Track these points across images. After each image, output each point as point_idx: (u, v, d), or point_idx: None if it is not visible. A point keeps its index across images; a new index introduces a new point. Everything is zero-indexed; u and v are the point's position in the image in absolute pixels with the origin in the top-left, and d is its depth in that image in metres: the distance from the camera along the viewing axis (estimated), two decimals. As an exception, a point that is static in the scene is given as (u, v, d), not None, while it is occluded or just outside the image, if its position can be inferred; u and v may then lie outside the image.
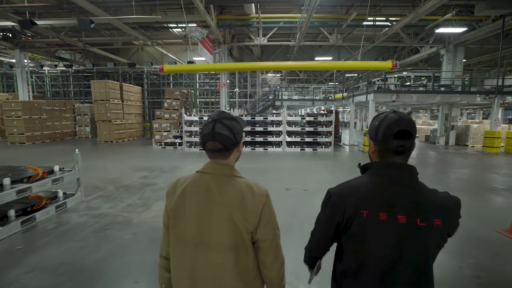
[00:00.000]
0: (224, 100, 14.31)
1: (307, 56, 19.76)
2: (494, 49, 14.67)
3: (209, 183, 1.03)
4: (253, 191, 1.03)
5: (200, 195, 1.02)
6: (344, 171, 7.76)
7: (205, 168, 1.08)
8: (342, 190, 1.03)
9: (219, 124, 1.03)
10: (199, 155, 10.32)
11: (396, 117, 0.96)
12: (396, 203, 0.93)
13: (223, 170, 1.05)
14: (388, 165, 0.98)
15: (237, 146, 1.09)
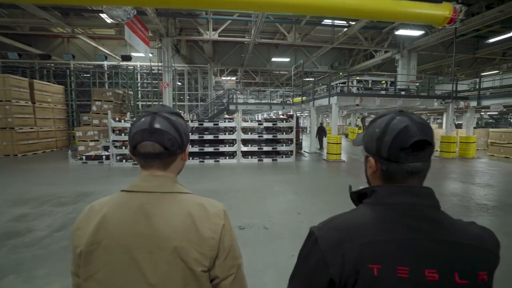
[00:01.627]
0: (169, 102, 12.12)
1: (263, 57, 18.56)
2: (441, 56, 15.20)
3: (142, 206, 0.72)
4: (206, 211, 0.75)
5: (128, 226, 0.70)
6: (314, 190, 6.33)
7: (134, 185, 0.76)
8: (336, 231, 0.66)
9: (160, 119, 0.75)
10: (131, 173, 8.02)
11: (407, 121, 0.65)
12: (421, 251, 0.60)
13: (162, 185, 0.76)
14: (402, 190, 0.67)
15: (183, 152, 0.82)
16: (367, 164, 0.75)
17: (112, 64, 16.20)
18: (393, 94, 11.05)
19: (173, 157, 0.80)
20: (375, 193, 0.70)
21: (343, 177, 7.85)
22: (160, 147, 0.75)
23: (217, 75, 23.79)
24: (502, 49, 14.83)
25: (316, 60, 18.62)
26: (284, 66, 18.99)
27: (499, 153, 12.05)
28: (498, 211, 4.88)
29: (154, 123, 0.75)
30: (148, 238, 0.70)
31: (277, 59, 17.52)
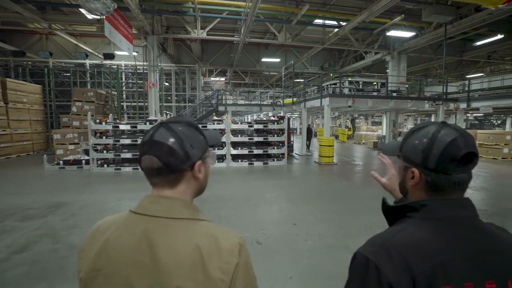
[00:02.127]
0: (154, 103, 11.56)
1: (252, 58, 18.22)
2: (430, 58, 15.31)
3: (147, 232, 0.63)
4: (218, 245, 0.63)
5: (130, 255, 0.62)
6: (308, 197, 6.01)
7: (142, 206, 0.67)
8: (397, 252, 0.60)
9: (163, 129, 0.67)
10: (112, 179, 7.46)
11: (455, 133, 0.64)
12: (480, 263, 0.60)
13: (171, 209, 0.66)
14: (453, 204, 0.66)
15: (191, 167, 0.68)
16: (407, 174, 0.73)
17: (94, 62, 15.43)
18: (385, 96, 10.94)
19: (177, 174, 0.68)
20: (426, 207, 0.67)
21: (337, 182, 7.58)
22: (158, 161, 0.65)
23: (206, 75, 23.27)
24: (487, 52, 15.10)
25: (306, 61, 18.45)
26: (274, 67, 18.72)
27: (487, 154, 12.17)
28: (500, 218, 4.70)
29: (155, 134, 0.66)
30: (150, 271, 0.61)
31: (267, 60, 17.23)
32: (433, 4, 9.51)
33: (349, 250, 3.29)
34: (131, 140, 8.49)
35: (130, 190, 6.14)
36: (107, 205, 5.09)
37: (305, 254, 3.36)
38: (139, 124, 8.81)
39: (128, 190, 6.09)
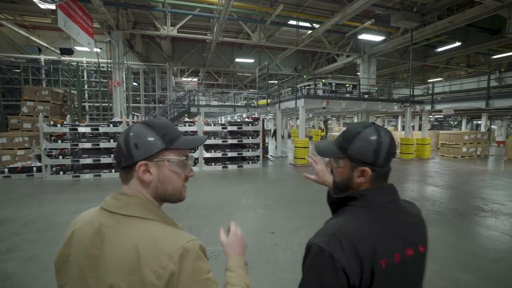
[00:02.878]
0: (120, 104, 10.71)
1: (226, 58, 17.83)
2: (396, 63, 16.04)
3: (101, 227, 0.66)
4: (156, 247, 0.61)
5: (86, 247, 0.66)
6: (285, 202, 5.77)
7: (105, 201, 0.71)
8: (347, 240, 0.70)
9: (127, 128, 0.73)
10: (69, 188, 6.65)
11: (388, 133, 0.80)
12: (404, 236, 0.77)
13: (126, 205, 0.67)
14: (386, 191, 0.82)
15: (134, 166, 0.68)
16: (354, 173, 0.80)
17: (50, 58, 14.02)
18: (357, 97, 11.16)
19: (126, 171, 0.70)
20: (365, 196, 0.79)
21: (314, 184, 7.41)
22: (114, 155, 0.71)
23: (177, 75, 22.39)
24: (446, 58, 16.18)
25: (280, 63, 18.46)
26: (248, 68, 18.48)
27: (449, 153, 12.96)
28: (470, 216, 4.82)
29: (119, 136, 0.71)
30: (98, 265, 0.63)
31: (241, 60, 16.93)
32: (401, 10, 9.86)
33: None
34: (92, 144, 7.69)
35: (90, 200, 5.46)
36: (58, 220, 4.41)
37: (285, 267, 3.09)
38: (101, 126, 8.01)
39: (87, 201, 5.41)
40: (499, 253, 3.54)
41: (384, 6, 10.04)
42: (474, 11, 9.16)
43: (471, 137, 12.69)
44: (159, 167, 0.70)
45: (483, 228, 4.35)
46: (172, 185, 0.72)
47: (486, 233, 4.17)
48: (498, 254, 3.49)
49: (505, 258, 3.40)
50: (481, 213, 5.06)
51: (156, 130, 0.69)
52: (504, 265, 3.21)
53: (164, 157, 0.70)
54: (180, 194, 0.75)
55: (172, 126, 0.74)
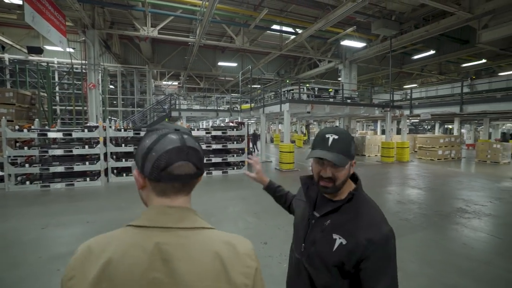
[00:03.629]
0: (95, 107, 10.09)
1: (208, 61, 17.54)
2: (375, 69, 16.58)
3: (159, 246, 0.58)
4: (236, 251, 0.63)
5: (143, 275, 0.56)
6: (275, 209, 5.52)
7: (148, 218, 0.62)
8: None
9: (188, 136, 0.67)
10: (37, 200, 6.03)
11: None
12: None
13: (184, 218, 0.64)
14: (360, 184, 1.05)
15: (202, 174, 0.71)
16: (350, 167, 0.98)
17: (16, 58, 13.00)
18: (341, 102, 11.32)
19: (192, 183, 0.68)
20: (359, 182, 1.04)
21: (301, 189, 7.35)
22: (194, 167, 0.66)
23: (157, 78, 21.70)
24: (420, 66, 16.99)
25: (262, 67, 18.46)
26: (231, 72, 18.30)
27: (426, 156, 13.48)
28: (455, 218, 4.91)
29: (186, 141, 0.65)
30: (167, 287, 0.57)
31: (223, 64, 16.72)
32: (381, 18, 10.18)
33: (329, 271, 2.92)
34: (64, 151, 7.08)
35: (61, 212, 4.94)
36: (24, 237, 3.91)
37: (283, 281, 2.89)
38: (74, 131, 7.42)
39: (58, 213, 4.89)
40: (489, 254, 3.58)
41: (365, 14, 10.32)
42: (447, 21, 9.65)
43: (445, 140, 13.30)
44: None
45: (470, 229, 4.42)
46: None
47: (473, 234, 4.24)
48: (488, 256, 3.52)
49: (495, 259, 3.43)
50: (465, 214, 5.17)
51: None
52: (496, 266, 3.23)
53: None
54: None
55: None
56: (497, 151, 12.29)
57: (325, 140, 0.94)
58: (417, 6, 10.48)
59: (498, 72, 16.68)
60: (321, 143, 0.95)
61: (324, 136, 0.95)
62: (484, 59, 14.65)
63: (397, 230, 4.55)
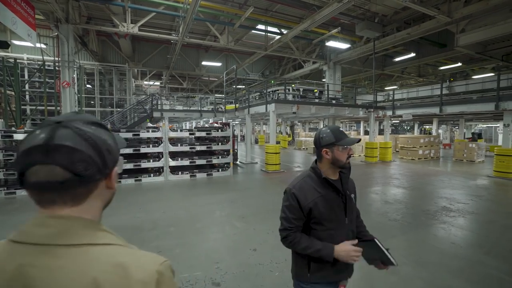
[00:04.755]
0: (70, 107, 9.47)
1: (191, 61, 17.11)
2: (358, 70, 16.86)
3: (22, 270, 0.47)
4: (126, 277, 0.49)
5: None
6: (263, 212, 5.40)
7: (22, 231, 0.51)
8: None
9: (67, 130, 0.51)
10: (1, 208, 5.48)
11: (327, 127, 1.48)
12: None
13: (64, 232, 0.50)
14: None
15: (108, 177, 0.58)
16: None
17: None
18: (326, 103, 11.35)
19: (89, 186, 0.54)
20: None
21: (288, 191, 7.20)
22: (63, 172, 0.50)
23: (138, 78, 20.94)
24: (401, 68, 17.48)
25: (247, 68, 18.27)
26: (215, 72, 17.96)
27: (407, 156, 13.84)
28: (442, 217, 4.94)
29: (54, 137, 0.50)
30: None
31: (207, 63, 16.34)
32: (365, 20, 10.30)
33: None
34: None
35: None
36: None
37: (275, 292, 2.70)
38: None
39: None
40: (477, 253, 3.57)
41: (349, 15, 10.40)
42: (428, 25, 9.91)
43: (425, 140, 13.72)
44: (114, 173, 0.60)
45: (456, 228, 4.44)
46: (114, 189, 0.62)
47: (460, 233, 4.26)
48: (477, 255, 3.52)
49: (484, 258, 3.42)
50: (450, 213, 5.23)
51: (107, 129, 0.60)
52: (486, 265, 3.21)
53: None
54: None
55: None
56: (472, 150, 12.82)
57: (343, 132, 1.38)
58: (399, 9, 10.71)
59: (471, 75, 17.50)
60: (343, 133, 1.37)
61: (340, 129, 1.39)
62: (460, 63, 15.29)
63: (389, 231, 4.44)
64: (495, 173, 8.98)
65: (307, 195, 1.33)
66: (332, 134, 1.33)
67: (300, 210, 1.32)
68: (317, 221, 1.33)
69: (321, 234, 1.34)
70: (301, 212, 1.33)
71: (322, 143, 1.34)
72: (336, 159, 1.33)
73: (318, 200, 1.33)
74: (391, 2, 9.84)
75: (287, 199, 1.38)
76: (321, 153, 1.36)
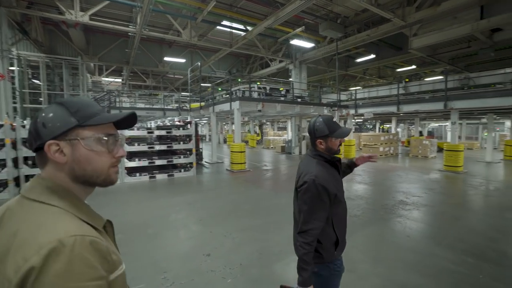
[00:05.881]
0: (6, 103, 8.33)
1: (154, 57, 16.23)
2: (323, 70, 17.28)
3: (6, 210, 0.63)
4: (31, 236, 0.54)
5: None
6: (223, 213, 5.11)
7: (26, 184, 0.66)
8: None
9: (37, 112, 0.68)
10: None
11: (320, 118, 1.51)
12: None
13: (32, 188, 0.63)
14: None
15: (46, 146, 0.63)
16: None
17: None
18: (291, 101, 11.36)
19: (39, 155, 0.65)
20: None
21: (252, 190, 7.01)
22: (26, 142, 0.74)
23: (95, 73, 19.35)
24: (363, 69, 18.28)
25: (213, 65, 17.81)
26: (179, 69, 17.22)
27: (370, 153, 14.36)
28: (399, 210, 5.07)
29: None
30: None
31: (170, 59, 15.52)
32: (328, 20, 10.48)
33: (278, 280, 2.57)
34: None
35: None
36: None
37: (225, 303, 2.44)
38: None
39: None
40: (430, 245, 3.65)
41: (313, 15, 10.52)
42: (385, 27, 10.36)
43: (386, 138, 14.45)
44: (73, 146, 0.64)
45: (412, 221, 4.56)
46: (92, 165, 0.66)
47: (415, 226, 4.37)
48: (430, 247, 3.59)
49: (436, 249, 3.50)
50: (406, 206, 5.41)
51: (67, 107, 0.65)
52: (439, 257, 3.27)
53: (79, 135, 0.65)
54: (106, 176, 0.69)
55: (89, 103, 0.69)
56: (426, 146, 13.77)
57: (336, 122, 1.46)
58: (359, 11, 11.08)
59: (424, 78, 18.88)
60: (337, 124, 1.45)
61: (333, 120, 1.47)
62: (414, 66, 16.38)
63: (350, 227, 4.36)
64: (445, 167, 9.66)
65: (328, 180, 1.39)
66: (326, 126, 1.40)
67: (328, 199, 1.37)
68: (338, 200, 1.43)
69: (339, 213, 1.46)
70: (330, 201, 1.38)
71: (317, 134, 1.42)
72: (330, 148, 1.43)
73: (333, 181, 1.42)
74: (351, 4, 10.13)
75: (314, 192, 1.34)
76: (315, 143, 1.46)
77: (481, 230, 4.21)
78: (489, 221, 4.60)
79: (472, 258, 3.28)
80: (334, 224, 1.41)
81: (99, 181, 0.67)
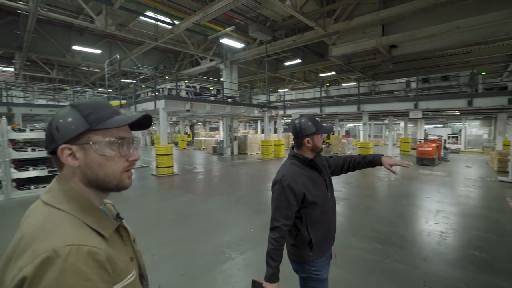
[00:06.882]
0: None
1: (61, 45, 13.72)
2: (254, 72, 17.64)
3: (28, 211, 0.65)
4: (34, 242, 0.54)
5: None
6: (144, 225, 4.50)
7: None
8: None
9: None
10: None
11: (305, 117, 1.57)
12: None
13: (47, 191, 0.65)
14: None
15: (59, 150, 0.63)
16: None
17: None
18: (221, 101, 11.13)
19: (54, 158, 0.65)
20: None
21: (179, 196, 6.49)
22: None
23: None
24: (291, 72, 19.44)
25: (137, 60, 16.16)
26: (95, 61, 15.00)
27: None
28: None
29: None
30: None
31: (81, 48, 13.21)
32: (257, 22, 10.64)
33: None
34: None
35: None
36: None
37: None
38: None
39: None
40: (348, 237, 3.92)
41: (243, 15, 10.53)
42: (309, 35, 11.14)
43: (310, 137, 15.62)
44: (85, 150, 0.64)
45: (333, 216, 4.87)
46: (104, 170, 0.66)
47: (337, 219, 4.67)
48: (347, 238, 3.85)
49: (352, 240, 3.78)
50: (328, 202, 5.79)
51: (80, 110, 0.65)
52: (354, 247, 3.51)
53: (90, 139, 0.64)
54: (119, 181, 0.68)
55: (103, 104, 0.68)
56: (344, 144, 15.47)
57: (318, 121, 1.54)
58: (286, 17, 11.61)
59: (341, 83, 21.34)
60: (320, 122, 1.53)
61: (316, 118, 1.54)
62: (334, 72, 18.26)
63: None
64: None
65: (297, 180, 1.40)
66: (312, 124, 1.46)
67: (295, 199, 1.37)
68: (310, 201, 1.41)
69: (315, 214, 1.45)
70: (296, 200, 1.38)
71: (304, 133, 1.45)
72: (315, 145, 1.49)
73: (306, 182, 1.43)
74: (279, 9, 10.50)
75: (280, 191, 1.38)
76: (302, 142, 1.48)
77: (385, 217, 4.79)
78: (392, 208, 5.30)
79: (381, 244, 3.65)
80: (308, 225, 1.44)
81: (112, 186, 0.67)
